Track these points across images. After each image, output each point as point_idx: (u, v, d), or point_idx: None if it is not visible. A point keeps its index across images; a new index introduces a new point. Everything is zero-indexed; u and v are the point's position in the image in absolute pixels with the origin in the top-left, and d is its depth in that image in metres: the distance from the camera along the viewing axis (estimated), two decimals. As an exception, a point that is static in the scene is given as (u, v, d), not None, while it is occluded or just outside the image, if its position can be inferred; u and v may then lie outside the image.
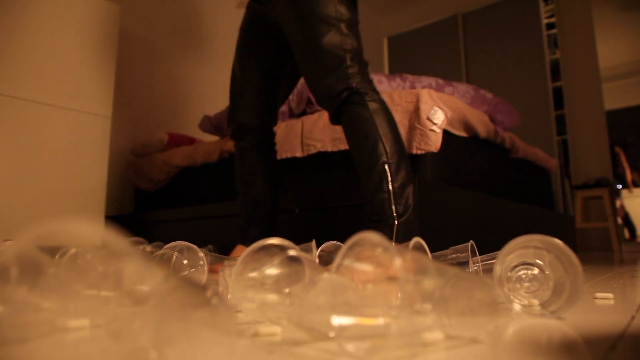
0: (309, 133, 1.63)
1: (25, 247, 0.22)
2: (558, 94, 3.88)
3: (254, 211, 1.28)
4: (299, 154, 1.64)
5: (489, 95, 1.83)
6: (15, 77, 1.60)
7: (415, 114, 1.41)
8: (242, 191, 1.32)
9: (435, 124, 1.37)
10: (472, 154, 1.68)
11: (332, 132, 1.59)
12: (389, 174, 0.98)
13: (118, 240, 0.24)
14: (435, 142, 1.36)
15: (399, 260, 0.36)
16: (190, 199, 2.12)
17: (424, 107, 1.39)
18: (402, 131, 1.43)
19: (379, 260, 0.46)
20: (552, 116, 3.70)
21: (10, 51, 1.60)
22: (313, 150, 1.61)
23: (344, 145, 1.54)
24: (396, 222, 0.95)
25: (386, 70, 4.81)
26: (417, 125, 1.39)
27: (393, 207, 0.96)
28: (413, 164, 1.44)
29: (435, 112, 1.38)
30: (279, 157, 1.48)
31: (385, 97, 1.54)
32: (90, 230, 0.23)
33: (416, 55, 4.58)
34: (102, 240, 0.23)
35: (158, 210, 2.12)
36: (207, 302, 0.33)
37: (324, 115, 1.60)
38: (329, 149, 1.57)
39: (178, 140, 2.35)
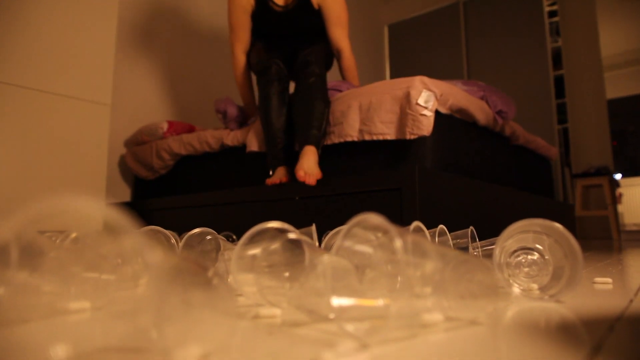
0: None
1: (25, 224, 0.22)
2: (559, 82, 3.86)
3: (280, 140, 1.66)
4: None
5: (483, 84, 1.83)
6: (12, 64, 1.59)
7: (406, 99, 1.41)
8: (274, 121, 1.65)
9: (425, 107, 1.37)
10: (472, 141, 1.67)
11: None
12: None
13: (118, 217, 0.23)
14: (427, 126, 1.36)
15: (399, 241, 0.36)
16: (190, 187, 2.12)
17: (413, 93, 1.40)
18: (394, 117, 1.43)
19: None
20: (553, 105, 3.68)
21: (8, 38, 1.59)
22: None
23: (334, 137, 1.56)
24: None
25: (386, 59, 4.78)
26: (409, 111, 1.39)
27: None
28: (407, 149, 1.44)
29: (424, 95, 1.38)
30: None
31: (377, 85, 1.56)
32: (91, 207, 0.23)
33: (417, 44, 4.55)
34: (102, 217, 0.23)
35: (157, 199, 2.12)
36: (208, 282, 0.33)
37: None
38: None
39: (178, 129, 2.34)
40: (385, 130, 1.45)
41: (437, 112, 1.45)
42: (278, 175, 1.60)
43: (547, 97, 3.68)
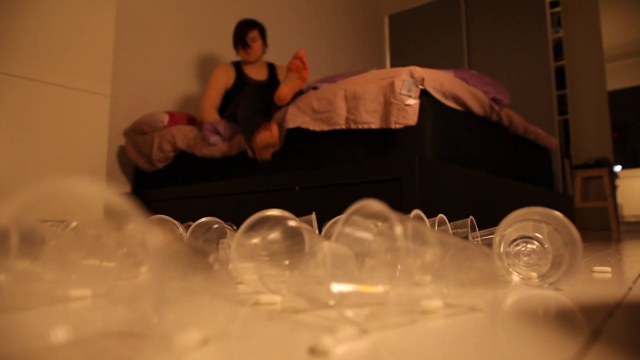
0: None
1: (24, 207, 0.22)
2: (560, 73, 3.85)
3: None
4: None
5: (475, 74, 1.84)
6: (10, 54, 1.59)
7: (390, 89, 1.41)
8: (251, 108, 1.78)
9: (409, 96, 1.37)
10: (471, 131, 1.67)
11: (311, 112, 1.61)
12: None
13: (120, 201, 0.23)
14: (412, 116, 1.36)
15: (399, 228, 0.36)
16: (190, 178, 2.12)
17: (397, 83, 1.40)
18: (378, 107, 1.44)
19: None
20: (553, 96, 3.67)
21: (7, 29, 1.58)
22: (292, 125, 1.64)
23: (323, 125, 1.57)
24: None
25: (387, 49, 4.76)
26: (393, 100, 1.40)
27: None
28: (393, 138, 1.45)
29: (406, 83, 1.39)
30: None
31: (363, 75, 1.58)
32: (92, 190, 0.23)
33: (418, 34, 4.52)
34: (104, 201, 0.23)
35: (158, 189, 2.12)
36: (209, 267, 0.33)
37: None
38: (311, 128, 1.60)
39: (179, 120, 2.34)
40: (370, 119, 1.45)
41: (433, 100, 1.45)
42: (267, 129, 1.62)
43: (548, 88, 3.67)
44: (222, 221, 0.81)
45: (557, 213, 0.55)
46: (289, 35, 3.54)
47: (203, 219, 0.78)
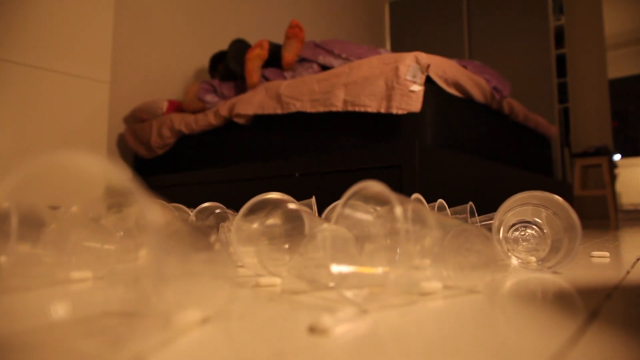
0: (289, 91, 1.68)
1: (23, 180, 0.22)
2: (561, 61, 3.83)
3: None
4: (280, 111, 1.69)
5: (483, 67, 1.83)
6: (9, 40, 1.57)
7: (394, 74, 1.40)
8: None
9: (414, 82, 1.36)
10: (471, 118, 1.66)
11: (309, 93, 1.60)
12: None
13: (121, 175, 0.23)
14: (416, 102, 1.34)
15: (399, 208, 0.36)
16: (190, 166, 2.12)
17: (402, 68, 1.38)
18: (379, 92, 1.42)
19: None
20: (554, 84, 3.65)
21: (6, 15, 1.56)
22: (293, 109, 1.63)
23: (320, 106, 1.57)
24: None
25: (387, 37, 4.72)
26: (396, 85, 1.38)
27: None
28: (393, 125, 1.43)
29: (411, 69, 1.37)
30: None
31: (365, 60, 1.56)
32: (92, 164, 0.23)
33: (418, 21, 4.49)
34: (104, 174, 0.23)
35: (158, 176, 2.12)
36: (210, 246, 0.33)
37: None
38: (308, 110, 1.60)
39: (178, 108, 2.33)
40: (367, 102, 1.43)
41: (435, 87, 1.44)
42: (258, 45, 1.91)
43: (548, 76, 3.65)
44: (224, 206, 0.81)
45: (557, 197, 0.55)
46: (288, 21, 3.51)
47: (205, 204, 0.79)
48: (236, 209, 1.31)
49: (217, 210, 0.81)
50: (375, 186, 0.37)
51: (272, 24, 3.20)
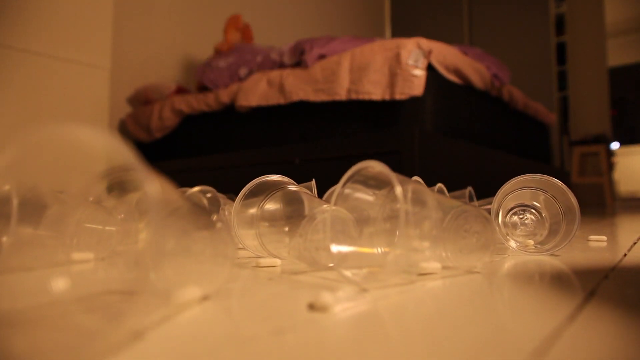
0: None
1: (22, 153, 0.22)
2: (561, 49, 3.81)
3: None
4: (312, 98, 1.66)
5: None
6: (8, 26, 1.56)
7: (396, 60, 1.39)
8: None
9: (416, 66, 1.36)
10: (471, 105, 1.66)
11: (313, 82, 1.59)
12: None
13: (122, 149, 0.23)
14: (418, 86, 1.35)
15: (399, 188, 0.37)
16: (189, 152, 2.11)
17: (404, 53, 1.38)
18: (382, 78, 1.42)
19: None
20: (553, 71, 3.64)
21: (5, 1, 1.54)
22: (295, 98, 1.62)
23: (323, 95, 1.56)
24: None
25: (387, 23, 4.69)
26: (398, 71, 1.38)
27: None
28: (393, 111, 1.43)
29: (413, 54, 1.37)
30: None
31: (367, 46, 1.54)
32: (93, 137, 0.23)
33: (418, 9, 4.45)
34: (104, 148, 0.23)
35: (157, 162, 2.11)
36: (212, 225, 0.33)
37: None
38: (311, 99, 1.59)
39: (184, 92, 2.32)
40: (371, 89, 1.44)
41: (435, 74, 1.44)
42: None
43: (548, 63, 3.63)
44: (214, 190, 0.82)
45: (555, 180, 0.55)
46: (287, 6, 3.48)
47: (195, 188, 0.79)
48: (236, 194, 1.32)
49: (209, 195, 0.82)
50: (376, 166, 0.37)
51: (267, 9, 3.17)
